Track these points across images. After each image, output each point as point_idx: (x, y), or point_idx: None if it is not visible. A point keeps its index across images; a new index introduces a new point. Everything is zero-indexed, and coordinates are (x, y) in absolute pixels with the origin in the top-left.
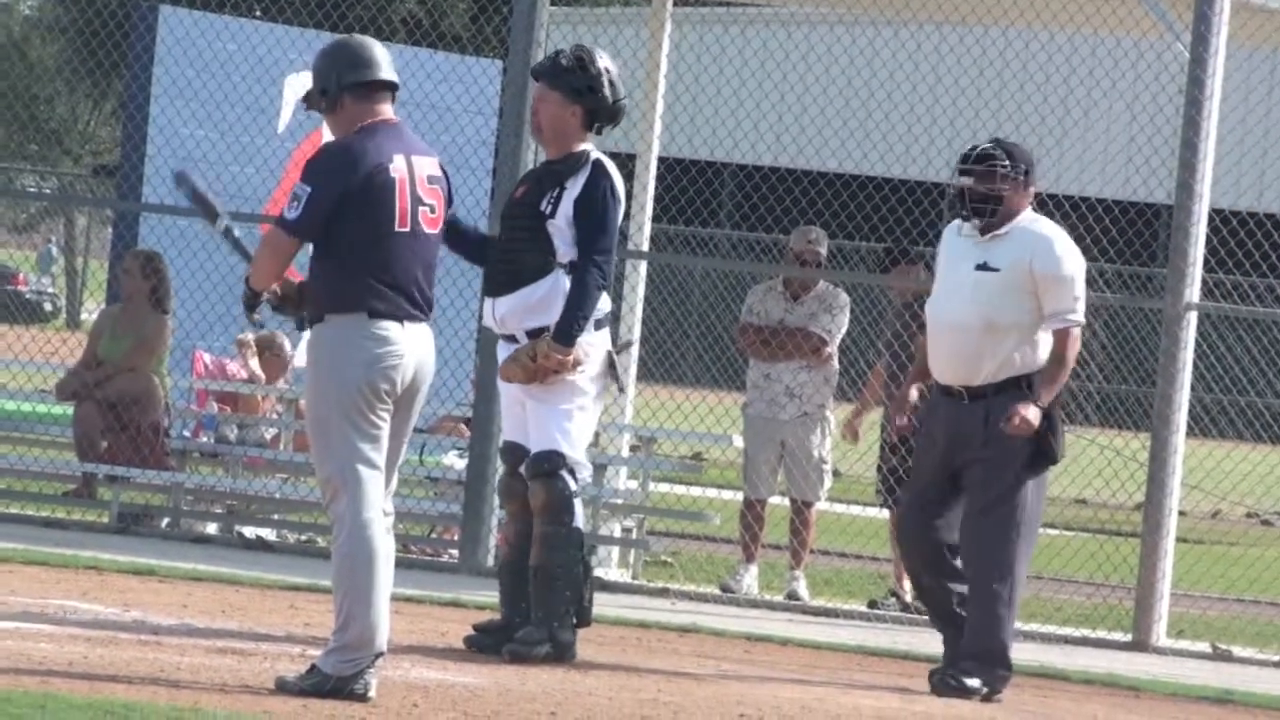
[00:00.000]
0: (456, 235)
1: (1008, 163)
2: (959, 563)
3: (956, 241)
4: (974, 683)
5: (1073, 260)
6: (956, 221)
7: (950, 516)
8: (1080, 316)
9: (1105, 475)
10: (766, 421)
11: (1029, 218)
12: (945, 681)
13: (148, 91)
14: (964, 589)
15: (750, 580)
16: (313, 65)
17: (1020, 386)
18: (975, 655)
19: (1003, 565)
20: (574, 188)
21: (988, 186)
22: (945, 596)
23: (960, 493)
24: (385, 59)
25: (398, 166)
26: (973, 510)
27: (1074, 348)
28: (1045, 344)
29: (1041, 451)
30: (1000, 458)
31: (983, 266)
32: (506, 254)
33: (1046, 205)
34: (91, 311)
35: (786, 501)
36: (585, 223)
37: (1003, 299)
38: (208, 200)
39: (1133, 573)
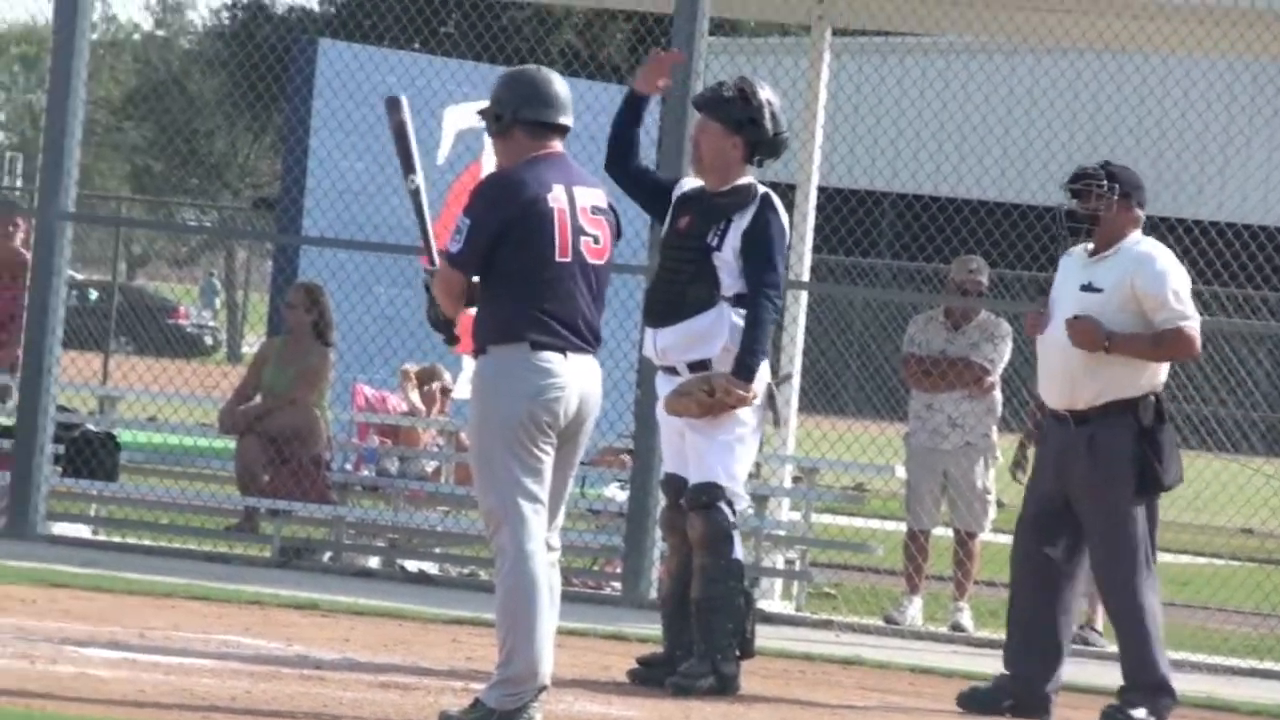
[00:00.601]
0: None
1: (1104, 183)
2: (1070, 592)
3: (1068, 264)
4: (1140, 713)
5: (1176, 275)
6: (1076, 247)
7: (1064, 541)
8: (1192, 320)
9: (1272, 505)
10: (929, 452)
11: (1134, 239)
12: (1113, 716)
13: (307, 124)
14: (1067, 619)
15: (914, 612)
16: (494, 87)
17: (1126, 411)
18: (1138, 687)
19: (1135, 596)
20: (741, 221)
21: (1085, 207)
22: (1048, 619)
23: (1075, 518)
24: (567, 101)
25: (556, 197)
26: (1092, 544)
27: (1181, 342)
28: (1152, 369)
29: (1148, 478)
30: (1106, 485)
31: (1087, 287)
32: (669, 285)
33: (1209, 232)
34: (252, 345)
35: (950, 532)
36: (755, 257)
37: (1105, 318)
38: (409, 147)
39: None
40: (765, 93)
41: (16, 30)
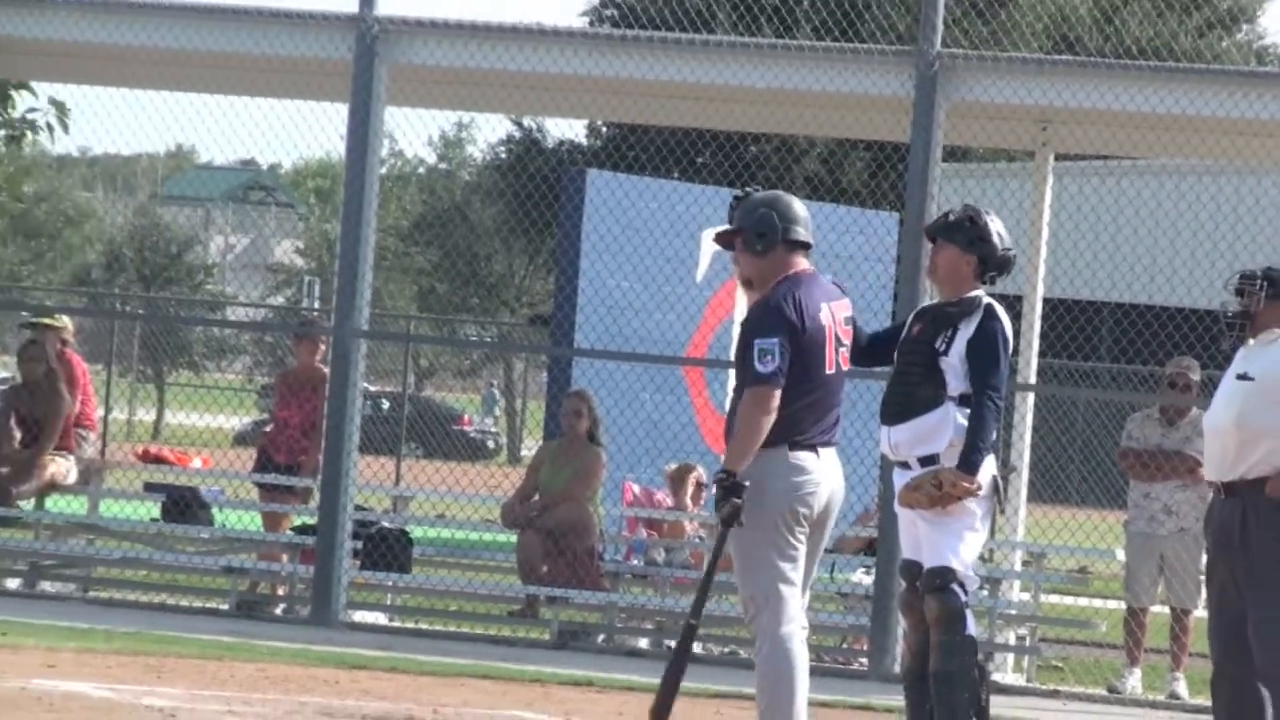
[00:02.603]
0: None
1: (1257, 283)
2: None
3: (1238, 355)
4: None
5: None
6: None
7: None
8: None
9: None
10: (1147, 537)
11: None
12: None
13: (578, 247)
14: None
15: (1135, 682)
16: (749, 210)
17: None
18: None
19: None
20: (967, 329)
21: (1241, 305)
22: (1246, 688)
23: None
24: (808, 220)
25: (825, 316)
26: (1251, 614)
27: None
28: None
29: None
30: (1260, 553)
31: (1243, 376)
32: (901, 386)
33: None
34: (530, 448)
35: (1166, 609)
36: (979, 360)
37: (1254, 403)
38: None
39: None
40: (989, 217)
41: (313, 165)
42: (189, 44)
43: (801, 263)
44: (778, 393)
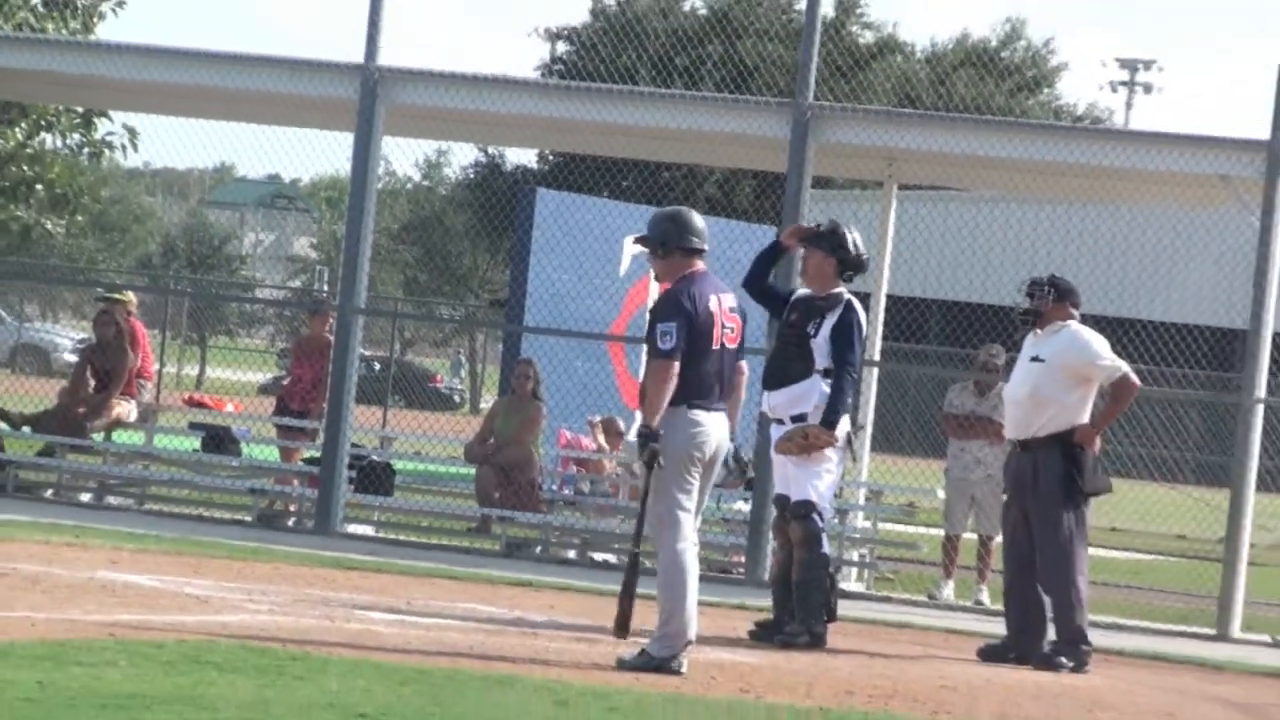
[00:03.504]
0: (770, 295)
1: (1045, 288)
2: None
3: (1027, 342)
4: (1064, 660)
5: (1095, 343)
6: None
7: (1030, 539)
8: (1127, 370)
9: (1198, 519)
10: (961, 481)
11: (1069, 325)
12: (1047, 661)
13: (528, 248)
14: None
15: (948, 592)
16: (656, 223)
17: (1059, 441)
18: (1065, 642)
19: (1066, 578)
20: (831, 318)
21: (1033, 305)
22: (1032, 598)
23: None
24: (705, 231)
25: (713, 305)
26: (1038, 541)
27: (1127, 391)
28: (1080, 411)
29: (1075, 488)
30: (1045, 494)
31: (1035, 358)
32: (779, 361)
33: (1160, 330)
34: (487, 402)
35: (975, 536)
36: (840, 343)
37: (1044, 380)
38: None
39: (1217, 586)
40: (849, 229)
41: (325, 180)
42: (232, 84)
43: (698, 264)
44: (676, 364)
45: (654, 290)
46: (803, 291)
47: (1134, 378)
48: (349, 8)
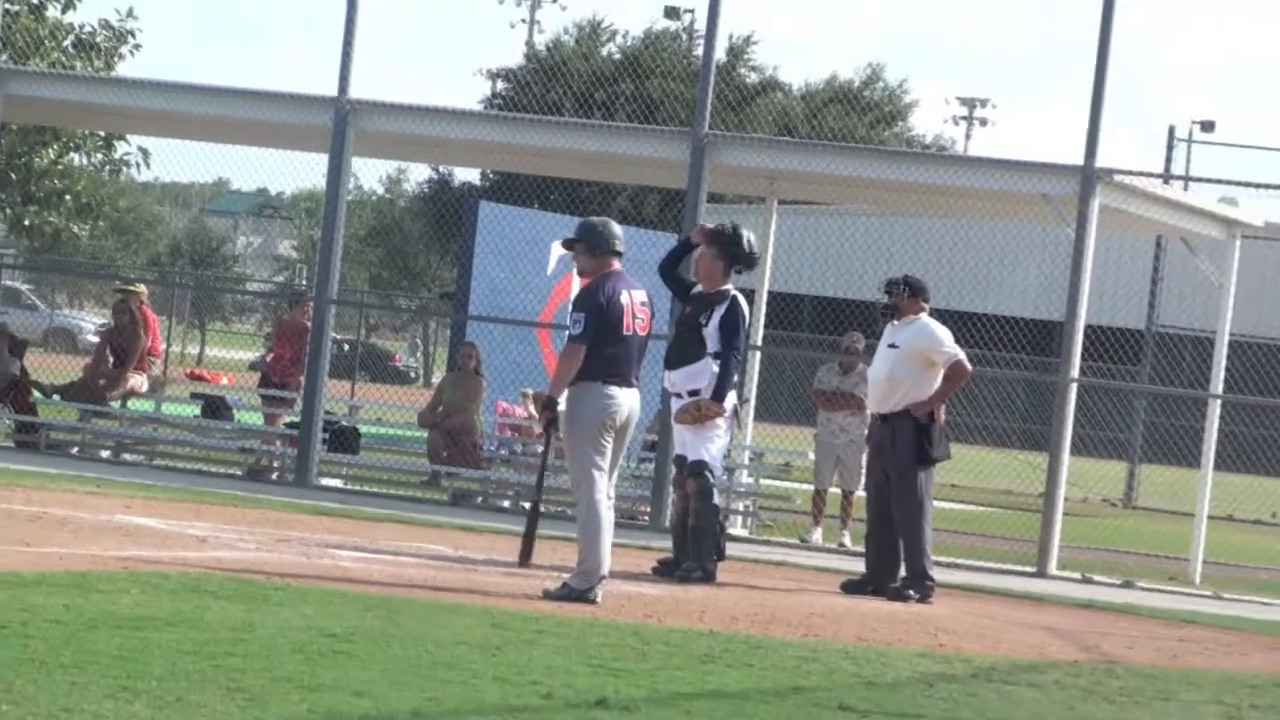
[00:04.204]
0: (677, 281)
1: (901, 287)
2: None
3: (886, 331)
4: (912, 593)
5: (940, 333)
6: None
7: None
8: (962, 357)
9: (1022, 477)
10: (828, 445)
11: (920, 318)
12: (897, 594)
13: (472, 250)
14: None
15: (817, 536)
16: (586, 229)
17: (908, 413)
18: (913, 578)
19: (916, 526)
20: (720, 310)
21: (890, 300)
22: (888, 542)
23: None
24: (622, 236)
25: (624, 298)
26: (894, 495)
27: (960, 374)
28: (928, 389)
29: (925, 453)
30: (900, 457)
31: (892, 345)
32: (677, 345)
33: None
34: (437, 377)
35: (839, 491)
36: (727, 331)
37: (899, 364)
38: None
39: (1037, 532)
40: (746, 231)
41: (304, 193)
42: (227, 112)
43: (615, 264)
44: (583, 347)
45: (576, 285)
46: (698, 289)
47: (967, 363)
48: (325, 49)
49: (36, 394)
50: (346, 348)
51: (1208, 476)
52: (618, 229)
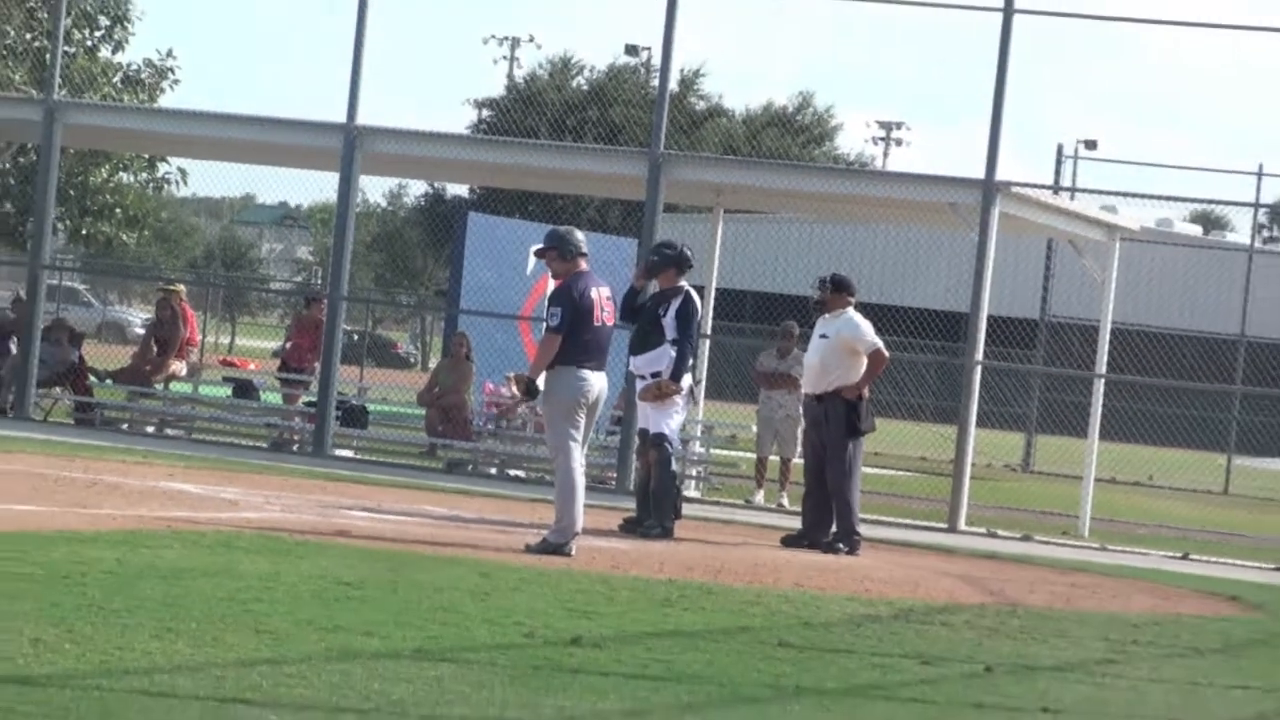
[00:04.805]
0: (634, 313)
1: (829, 284)
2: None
3: (818, 323)
4: (842, 547)
5: (864, 326)
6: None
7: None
8: (880, 346)
9: (935, 445)
10: (767, 419)
11: (846, 311)
12: (829, 547)
13: (463, 254)
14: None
15: (759, 498)
16: (554, 237)
17: (839, 393)
18: (843, 534)
19: (846, 489)
20: (675, 303)
21: (819, 295)
22: (822, 502)
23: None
24: (585, 240)
25: (594, 294)
26: (827, 463)
27: (879, 361)
28: (854, 372)
29: (854, 427)
30: (832, 431)
31: (823, 335)
32: (640, 334)
33: (910, 313)
34: (433, 363)
35: (778, 459)
36: (681, 321)
37: (829, 351)
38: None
39: (948, 493)
40: (684, 245)
41: (319, 206)
42: (253, 137)
43: (583, 265)
44: (559, 337)
45: (551, 285)
46: (656, 288)
47: (885, 351)
48: (336, 81)
49: (92, 378)
50: (355, 337)
51: (1094, 445)
52: (580, 234)
